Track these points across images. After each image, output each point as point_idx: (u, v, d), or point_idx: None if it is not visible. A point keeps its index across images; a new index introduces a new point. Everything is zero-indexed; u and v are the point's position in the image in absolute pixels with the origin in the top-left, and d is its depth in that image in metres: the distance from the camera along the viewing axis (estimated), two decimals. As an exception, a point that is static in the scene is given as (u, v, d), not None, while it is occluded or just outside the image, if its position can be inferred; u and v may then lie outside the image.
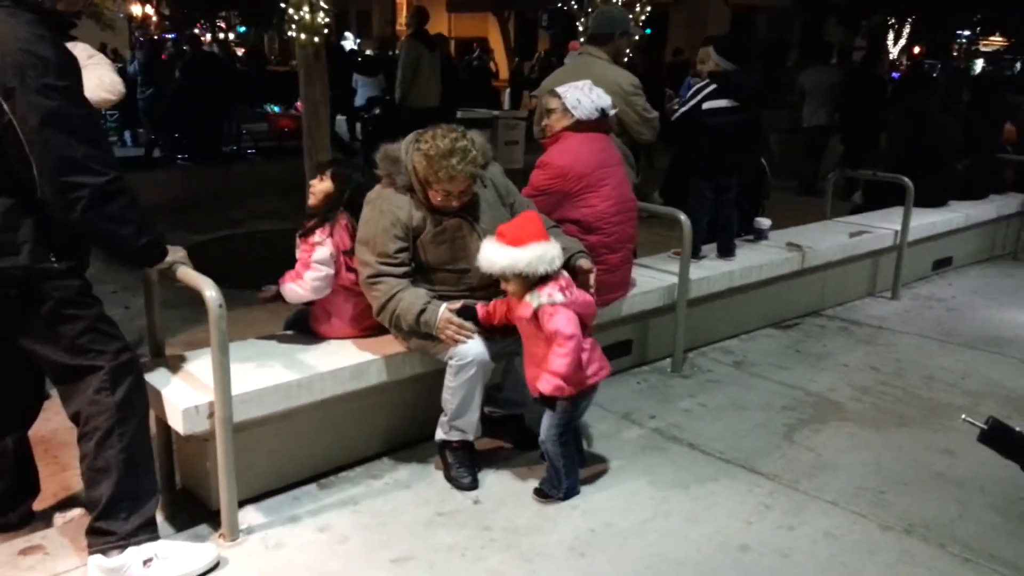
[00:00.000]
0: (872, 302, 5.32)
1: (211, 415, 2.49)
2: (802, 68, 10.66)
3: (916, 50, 23.48)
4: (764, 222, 5.02)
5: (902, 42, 22.84)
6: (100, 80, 3.09)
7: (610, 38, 4.21)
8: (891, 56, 21.69)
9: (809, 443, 3.35)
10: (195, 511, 2.70)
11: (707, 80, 4.33)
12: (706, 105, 4.29)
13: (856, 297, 5.34)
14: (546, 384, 2.65)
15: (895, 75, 15.39)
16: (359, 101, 11.80)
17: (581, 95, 3.46)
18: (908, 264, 5.45)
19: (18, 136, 2.07)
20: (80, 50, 2.77)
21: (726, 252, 4.53)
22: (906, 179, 5.16)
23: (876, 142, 8.78)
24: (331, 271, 2.93)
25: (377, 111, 10.86)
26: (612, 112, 3.52)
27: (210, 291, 2.38)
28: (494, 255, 2.68)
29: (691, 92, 4.41)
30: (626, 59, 4.40)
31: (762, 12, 28.57)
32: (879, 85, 9.63)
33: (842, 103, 9.19)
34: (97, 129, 2.31)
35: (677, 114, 4.37)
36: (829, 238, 5.15)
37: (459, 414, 2.86)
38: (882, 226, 5.42)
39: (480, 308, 2.86)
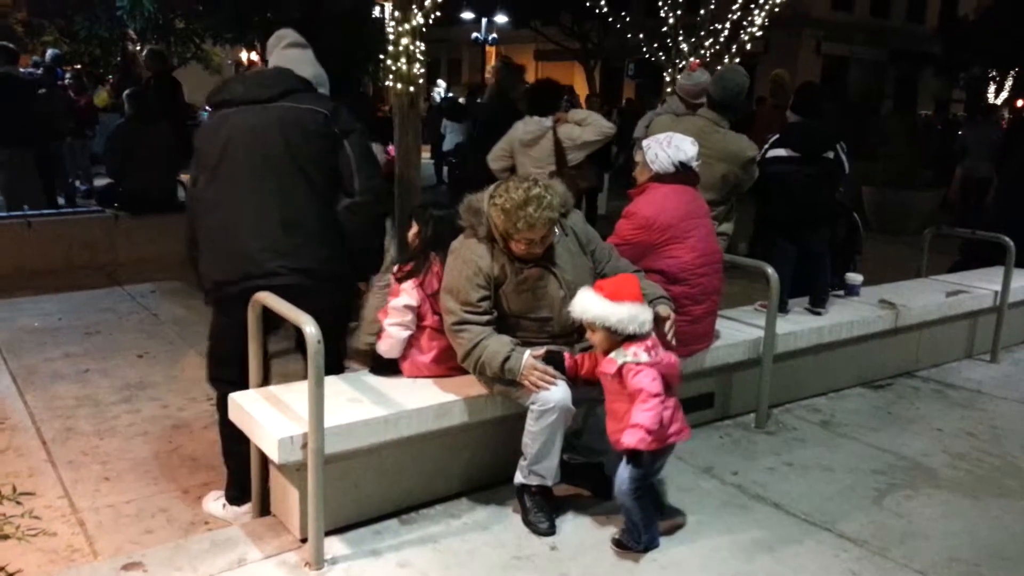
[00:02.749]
0: (970, 365, 5.10)
1: (304, 446, 2.61)
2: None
3: (1020, 103, 22.58)
4: (856, 277, 4.90)
5: (1004, 95, 22.03)
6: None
7: (729, 107, 4.27)
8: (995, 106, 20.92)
9: (900, 509, 3.22)
10: (283, 539, 2.80)
11: (775, 134, 4.38)
12: (770, 154, 4.33)
13: (952, 359, 5.12)
14: (631, 437, 2.66)
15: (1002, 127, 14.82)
16: (447, 146, 12.15)
17: (659, 149, 3.51)
18: (1009, 326, 5.21)
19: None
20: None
21: (817, 303, 4.45)
22: (1006, 238, 4.97)
23: None
24: (407, 318, 3.06)
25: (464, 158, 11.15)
26: (695, 165, 3.54)
27: (309, 327, 2.50)
28: (589, 303, 2.73)
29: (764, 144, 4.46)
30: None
31: (854, 63, 28.11)
32: None
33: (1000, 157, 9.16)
34: None
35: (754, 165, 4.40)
36: (924, 296, 4.99)
37: (539, 459, 2.89)
38: (981, 286, 5.22)
39: (568, 358, 2.91)
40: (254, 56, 24.32)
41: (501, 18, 25.64)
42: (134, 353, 4.83)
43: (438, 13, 6.27)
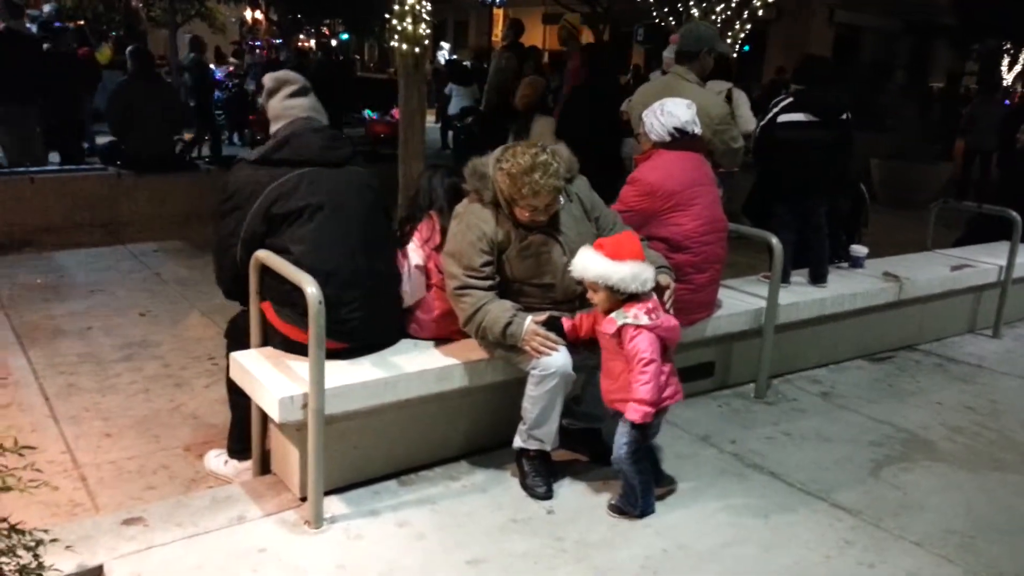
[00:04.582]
0: (972, 339, 5.09)
1: (304, 406, 2.62)
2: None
3: (1033, 77, 22.26)
4: (860, 250, 4.88)
5: (1017, 68, 21.70)
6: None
7: (696, 56, 4.19)
8: (1005, 83, 20.63)
9: (896, 480, 3.24)
10: (283, 497, 2.83)
11: (783, 95, 4.28)
12: (781, 118, 4.23)
13: (955, 333, 5.11)
14: (634, 413, 2.68)
15: (1006, 103, 14.66)
16: (452, 110, 12.04)
17: (653, 118, 3.48)
18: (1013, 302, 5.19)
19: None
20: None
21: (817, 279, 4.43)
22: (1014, 213, 4.93)
23: None
24: (421, 277, 3.08)
25: (470, 120, 11.06)
26: (695, 131, 3.49)
27: (310, 287, 2.50)
28: (590, 262, 2.73)
29: (770, 106, 4.34)
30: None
31: (866, 33, 27.68)
32: None
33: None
34: None
35: (755, 130, 4.31)
36: (929, 270, 4.97)
37: (538, 424, 2.90)
38: (986, 261, 5.19)
39: (566, 321, 2.91)
40: (258, 15, 24.06)
41: (509, -20, 25.25)
42: (136, 311, 4.84)
43: (445, -28, 6.18)
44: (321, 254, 2.80)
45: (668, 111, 3.45)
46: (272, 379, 2.72)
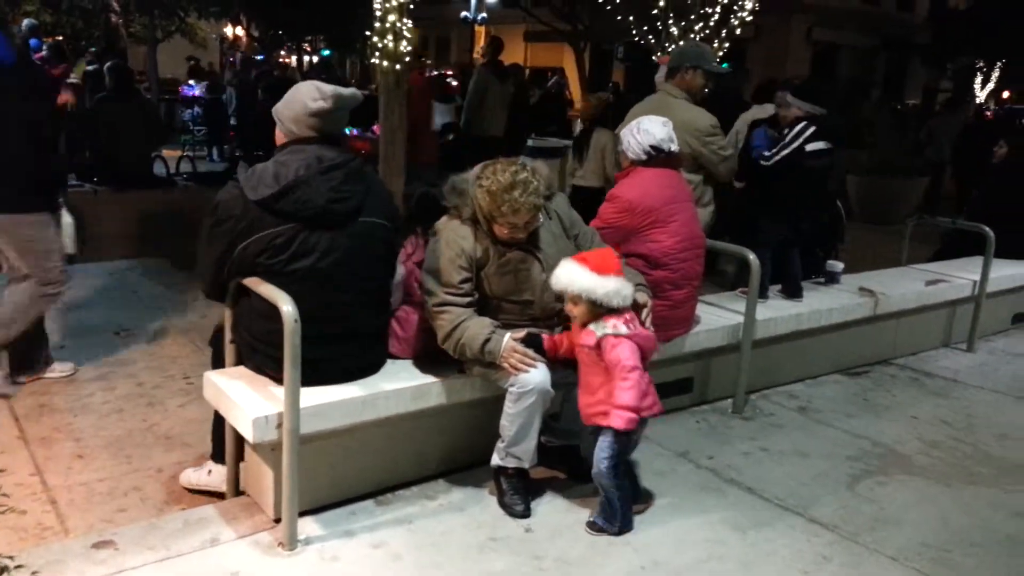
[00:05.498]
0: (946, 353, 5.15)
1: (279, 426, 2.59)
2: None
3: (1005, 95, 22.70)
4: (837, 265, 4.92)
5: (990, 86, 22.11)
6: None
7: (676, 72, 4.25)
8: (978, 100, 21.01)
9: (872, 495, 3.25)
10: (257, 519, 2.79)
11: (805, 123, 4.31)
12: (809, 147, 4.29)
13: (930, 348, 5.17)
14: (618, 420, 2.68)
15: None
16: (434, 126, 12.05)
17: (629, 136, 3.51)
18: (986, 316, 5.25)
19: None
20: None
21: (795, 295, 4.46)
22: (987, 229, 5.00)
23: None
24: (399, 292, 3.09)
25: (451, 137, 11.09)
26: (672, 148, 3.52)
27: (287, 306, 2.48)
28: (576, 275, 2.74)
29: (793, 134, 4.35)
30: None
31: (844, 50, 28.09)
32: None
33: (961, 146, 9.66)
34: None
35: (777, 156, 4.33)
36: (904, 285, 5.02)
37: (516, 441, 2.89)
38: (960, 276, 5.25)
39: (546, 339, 2.91)
40: (239, 31, 24.03)
41: (491, -3, 25.45)
42: (111, 330, 4.79)
43: (426, -10, 6.23)
44: (304, 320, 2.52)
45: (644, 129, 3.48)
46: (246, 399, 2.69)
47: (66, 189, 4.15)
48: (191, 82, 15.44)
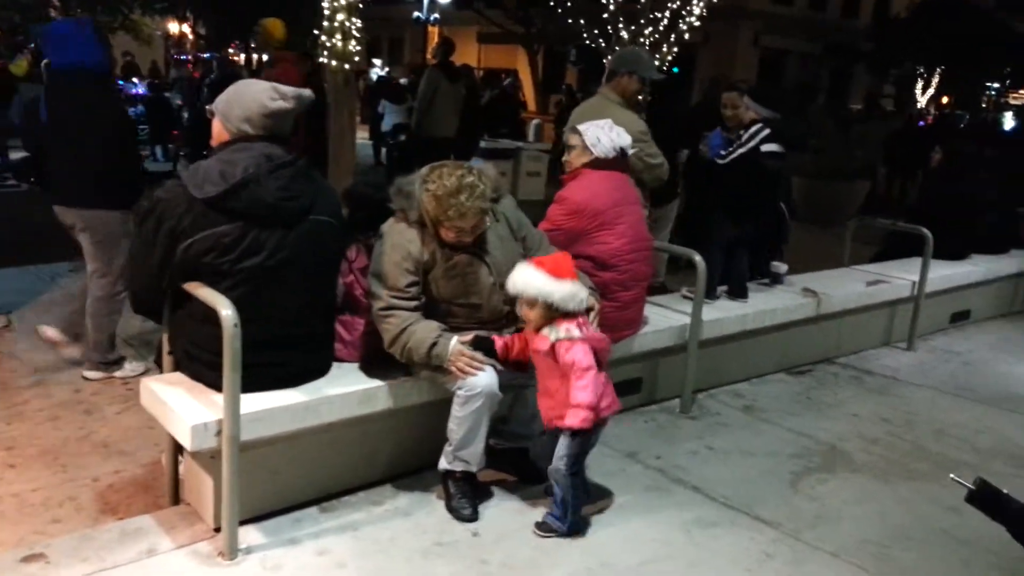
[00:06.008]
0: (887, 352, 5.28)
1: (219, 433, 2.53)
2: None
3: (944, 100, 23.46)
4: (781, 266, 5.01)
5: (930, 92, 22.83)
6: None
7: (613, 75, 4.31)
8: (919, 105, 21.68)
9: (814, 492, 3.32)
10: (196, 528, 2.72)
11: (761, 124, 4.39)
12: (764, 147, 4.37)
13: (871, 346, 5.30)
14: (574, 418, 2.68)
15: (920, 123, 15.43)
16: (385, 127, 11.98)
17: (601, 133, 3.51)
18: (925, 316, 5.41)
19: None
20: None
21: (738, 294, 4.53)
22: (925, 230, 5.15)
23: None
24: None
25: (403, 138, 11.01)
26: (631, 152, 3.57)
27: (226, 310, 2.42)
28: (533, 278, 2.73)
29: (749, 134, 4.41)
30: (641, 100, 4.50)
31: (791, 56, 28.71)
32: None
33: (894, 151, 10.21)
34: None
35: (733, 154, 4.39)
36: (846, 285, 5.13)
37: (464, 444, 2.87)
38: (900, 276, 5.40)
39: (498, 341, 2.89)
40: (185, 28, 23.54)
41: (444, -2, 25.36)
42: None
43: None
44: (250, 321, 2.48)
45: (619, 131, 3.52)
46: (184, 405, 2.62)
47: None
48: (134, 80, 15.05)
